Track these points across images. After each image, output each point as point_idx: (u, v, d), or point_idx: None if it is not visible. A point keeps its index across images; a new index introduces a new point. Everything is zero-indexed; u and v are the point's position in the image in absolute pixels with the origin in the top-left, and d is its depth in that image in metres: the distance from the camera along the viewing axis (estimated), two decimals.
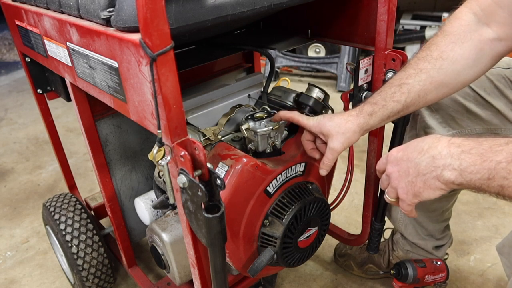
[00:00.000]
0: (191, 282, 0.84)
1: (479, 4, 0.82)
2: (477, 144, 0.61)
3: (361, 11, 0.95)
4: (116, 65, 0.65)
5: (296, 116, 0.89)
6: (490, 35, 0.80)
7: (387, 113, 0.83)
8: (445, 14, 2.78)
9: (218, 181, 0.58)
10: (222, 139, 0.97)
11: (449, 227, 1.27)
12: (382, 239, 1.20)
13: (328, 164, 0.86)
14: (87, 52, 0.73)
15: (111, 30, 0.63)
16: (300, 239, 0.92)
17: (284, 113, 0.91)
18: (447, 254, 1.31)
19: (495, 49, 0.80)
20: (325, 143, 0.86)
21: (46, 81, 1.21)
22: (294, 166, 0.92)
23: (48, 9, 0.85)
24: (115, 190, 1.10)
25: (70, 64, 0.83)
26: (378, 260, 1.31)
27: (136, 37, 0.56)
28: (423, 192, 0.67)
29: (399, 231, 1.26)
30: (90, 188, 1.94)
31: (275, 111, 0.96)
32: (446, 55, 0.81)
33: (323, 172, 0.88)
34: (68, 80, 0.91)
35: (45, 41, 0.91)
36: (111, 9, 0.65)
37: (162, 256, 0.96)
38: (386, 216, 1.16)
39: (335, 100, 1.14)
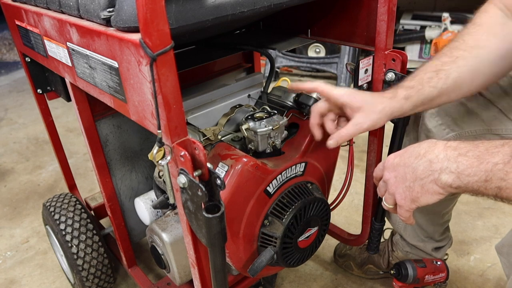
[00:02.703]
0: (191, 282, 0.84)
1: (501, 1, 0.82)
2: (473, 147, 0.62)
3: (361, 11, 0.95)
4: (116, 65, 0.65)
5: (321, 85, 0.84)
6: None
7: (421, 99, 0.80)
8: (445, 14, 2.77)
9: (218, 181, 0.58)
10: (222, 139, 0.97)
11: (449, 228, 1.27)
12: (382, 240, 1.20)
13: (343, 138, 0.81)
14: (87, 52, 0.73)
15: (111, 30, 0.63)
16: (300, 239, 0.92)
17: (310, 84, 0.86)
18: (446, 254, 1.31)
19: None
20: (341, 119, 0.84)
21: (46, 81, 1.21)
22: (294, 166, 0.92)
23: (48, 9, 0.85)
24: (115, 190, 1.10)
25: (70, 64, 0.83)
26: (378, 260, 1.31)
27: (136, 37, 0.56)
28: (421, 197, 0.67)
29: (399, 233, 1.26)
30: (90, 188, 1.94)
31: (275, 111, 0.96)
32: (482, 43, 0.80)
33: (332, 143, 0.82)
34: (68, 80, 0.91)
35: (45, 41, 0.91)
36: (111, 9, 0.65)
37: (162, 256, 0.96)
38: (385, 218, 1.16)
39: None
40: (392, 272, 1.19)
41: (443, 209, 1.17)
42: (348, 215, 1.65)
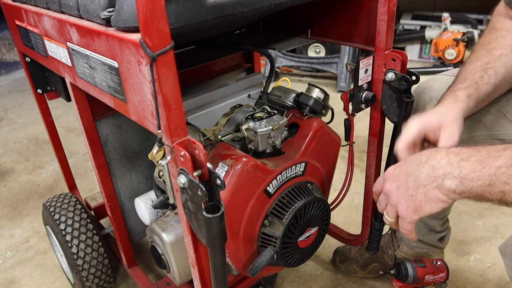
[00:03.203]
0: (191, 282, 0.84)
1: (507, 13, 0.89)
2: (475, 152, 0.62)
3: (361, 11, 0.95)
4: (116, 65, 0.65)
5: (399, 147, 0.81)
6: None
7: (481, 95, 0.83)
8: (445, 14, 2.78)
9: (218, 181, 0.58)
10: (222, 139, 0.97)
11: (448, 219, 1.28)
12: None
13: None
14: (87, 52, 0.73)
15: (111, 30, 0.63)
16: (300, 239, 0.92)
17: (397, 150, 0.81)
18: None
19: None
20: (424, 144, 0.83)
21: (46, 81, 1.21)
22: (294, 166, 0.92)
23: (48, 9, 0.85)
24: (115, 190, 1.10)
25: (70, 64, 0.83)
26: (382, 257, 1.32)
27: (136, 37, 0.56)
28: (424, 206, 0.66)
29: None
30: (90, 188, 1.94)
31: (275, 111, 0.96)
32: None
33: None
34: (68, 80, 0.91)
35: (45, 41, 0.91)
36: (111, 9, 0.65)
37: (162, 256, 0.96)
38: None
39: (335, 100, 1.13)
40: (392, 272, 1.19)
41: (446, 209, 1.18)
42: (348, 215, 1.65)
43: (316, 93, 1.04)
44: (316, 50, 3.04)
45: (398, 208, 0.71)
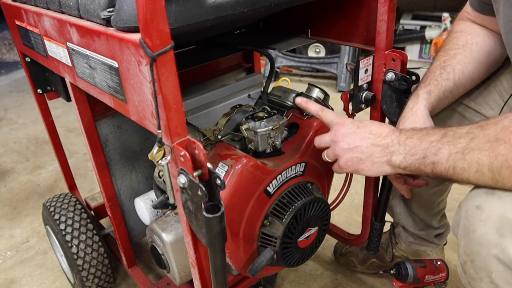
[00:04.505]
0: (191, 282, 0.84)
1: (467, 17, 0.96)
2: (419, 131, 0.72)
3: (361, 11, 0.95)
4: (116, 65, 0.65)
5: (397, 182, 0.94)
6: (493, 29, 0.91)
7: (442, 90, 0.89)
8: (445, 14, 2.77)
9: (218, 181, 0.58)
10: (222, 139, 0.97)
11: (446, 215, 1.28)
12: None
13: None
14: (87, 52, 0.73)
15: (111, 30, 0.63)
16: (300, 239, 0.92)
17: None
18: (445, 240, 1.32)
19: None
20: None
21: (46, 81, 1.21)
22: (294, 166, 0.93)
23: (48, 9, 0.85)
24: (115, 190, 1.10)
25: (70, 64, 0.83)
26: (381, 253, 1.32)
27: (136, 37, 0.56)
28: (366, 171, 0.77)
29: (401, 225, 1.27)
30: (90, 188, 1.94)
31: (275, 111, 0.96)
32: (470, 41, 0.92)
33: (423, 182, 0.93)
34: (68, 80, 0.91)
35: (45, 41, 0.91)
36: (111, 9, 0.65)
37: (162, 256, 0.96)
38: (387, 212, 1.17)
39: (335, 100, 1.13)
40: (392, 272, 1.19)
41: (437, 198, 1.18)
42: (348, 215, 1.65)
43: (316, 93, 1.04)
44: (316, 50, 3.04)
45: (340, 160, 0.81)
